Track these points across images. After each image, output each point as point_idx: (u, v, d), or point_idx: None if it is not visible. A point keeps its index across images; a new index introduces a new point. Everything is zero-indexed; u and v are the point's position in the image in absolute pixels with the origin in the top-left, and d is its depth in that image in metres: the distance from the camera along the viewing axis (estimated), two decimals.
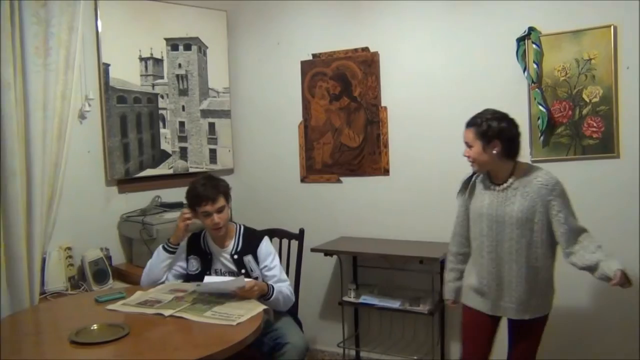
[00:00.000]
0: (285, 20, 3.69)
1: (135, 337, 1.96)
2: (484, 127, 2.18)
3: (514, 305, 2.25)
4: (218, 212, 2.53)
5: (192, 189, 2.58)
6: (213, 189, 2.54)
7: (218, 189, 2.56)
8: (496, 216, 2.22)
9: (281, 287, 2.53)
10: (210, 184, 2.56)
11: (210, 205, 2.51)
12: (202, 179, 2.62)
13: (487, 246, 2.26)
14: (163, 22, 3.46)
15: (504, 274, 2.24)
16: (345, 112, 3.51)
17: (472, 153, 2.24)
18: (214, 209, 2.52)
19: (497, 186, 2.25)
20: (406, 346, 3.38)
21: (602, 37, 2.73)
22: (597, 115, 2.77)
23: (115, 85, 3.17)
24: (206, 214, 2.53)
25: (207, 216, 2.54)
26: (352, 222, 3.55)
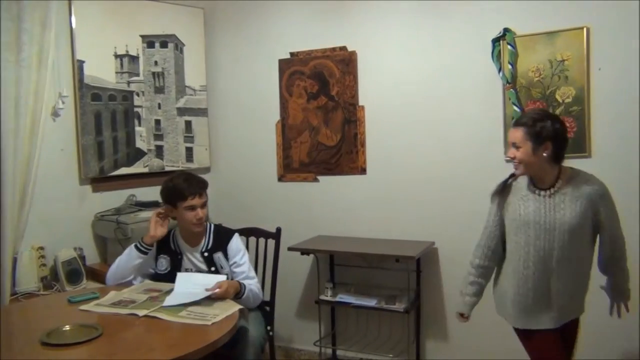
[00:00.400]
0: (263, 18, 3.68)
1: (109, 337, 1.93)
2: (537, 128, 2.02)
3: (557, 314, 2.15)
4: (203, 206, 2.55)
5: (174, 185, 2.55)
6: (197, 183, 2.57)
7: (201, 183, 2.59)
8: (545, 223, 2.08)
9: (251, 285, 2.53)
10: (194, 179, 2.59)
11: (198, 199, 2.53)
12: (182, 174, 2.62)
13: (534, 256, 2.12)
14: (139, 18, 3.42)
15: (551, 284, 2.13)
16: (322, 111, 3.51)
17: (520, 154, 2.06)
18: (200, 203, 2.53)
19: (543, 191, 2.10)
20: (382, 344, 3.41)
21: (575, 39, 2.78)
22: (569, 115, 2.82)
23: (89, 83, 3.13)
24: (191, 207, 2.52)
25: (192, 210, 2.53)
26: (329, 221, 3.55)
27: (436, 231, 3.22)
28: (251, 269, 2.66)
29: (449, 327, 3.26)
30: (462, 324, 3.20)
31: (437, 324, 3.29)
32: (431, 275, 3.27)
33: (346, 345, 3.50)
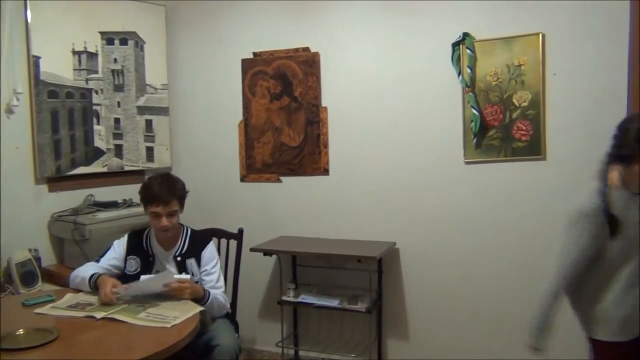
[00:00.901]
0: (226, 17, 3.65)
1: (65, 341, 1.89)
2: None
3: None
4: (169, 215, 2.47)
5: (147, 186, 2.50)
6: (168, 191, 2.46)
7: (174, 192, 2.48)
8: None
9: (216, 294, 2.50)
10: (166, 185, 2.48)
11: (162, 208, 2.44)
12: (159, 177, 2.53)
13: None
14: (98, 15, 3.34)
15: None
16: (285, 112, 3.51)
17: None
18: (164, 212, 2.45)
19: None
20: (344, 344, 3.43)
21: (531, 45, 2.86)
22: (526, 119, 2.90)
23: (46, 79, 3.04)
24: (155, 214, 2.46)
25: (155, 217, 2.47)
26: (292, 222, 3.56)
27: (397, 232, 3.26)
28: (221, 280, 2.61)
29: (410, 326, 3.31)
30: (423, 323, 3.28)
31: (399, 323, 3.33)
32: (393, 275, 3.31)
33: (308, 346, 3.51)
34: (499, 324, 3.07)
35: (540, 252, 2.95)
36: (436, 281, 3.21)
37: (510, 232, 3.01)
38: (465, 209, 3.10)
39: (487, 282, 3.09)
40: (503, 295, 3.05)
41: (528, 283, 2.98)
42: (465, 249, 3.12)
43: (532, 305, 2.94)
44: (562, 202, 2.87)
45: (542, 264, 2.94)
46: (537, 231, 2.95)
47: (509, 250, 3.02)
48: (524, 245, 2.98)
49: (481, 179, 3.05)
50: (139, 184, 3.51)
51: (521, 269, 3.00)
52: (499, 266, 3.05)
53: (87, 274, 2.42)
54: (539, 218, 2.94)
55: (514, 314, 3.03)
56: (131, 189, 3.45)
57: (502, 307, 3.06)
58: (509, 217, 3.01)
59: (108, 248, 2.62)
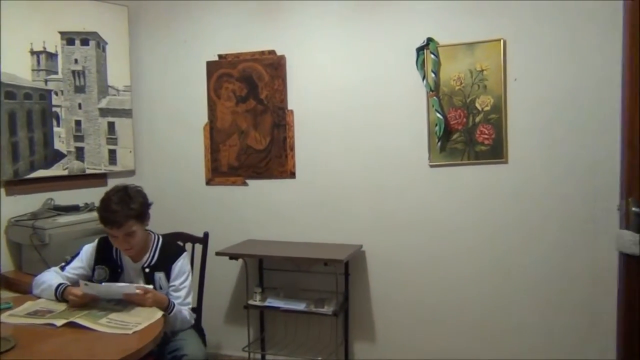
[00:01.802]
0: (190, 18, 3.61)
1: (23, 350, 1.83)
2: None
3: None
4: (127, 236, 2.34)
5: (102, 206, 2.34)
6: (123, 212, 2.29)
7: (128, 212, 2.31)
8: None
9: (182, 309, 2.43)
10: (121, 204, 2.31)
11: (116, 230, 2.32)
12: (116, 194, 2.35)
13: None
14: (58, 14, 3.25)
15: None
16: (251, 115, 3.49)
17: None
18: (120, 234, 2.33)
19: None
20: (311, 347, 3.42)
21: (493, 50, 2.92)
22: (488, 123, 2.96)
23: (3, 80, 2.94)
24: (112, 236, 2.36)
25: (114, 238, 2.37)
26: (258, 225, 3.54)
27: (364, 235, 3.28)
28: (189, 296, 2.51)
29: (376, 328, 3.33)
30: (390, 325, 3.31)
31: (365, 325, 3.35)
32: (359, 278, 3.33)
33: (275, 350, 3.49)
34: (464, 324, 3.12)
35: (502, 253, 3.01)
36: (402, 283, 3.24)
37: (474, 234, 3.06)
38: (430, 211, 3.14)
39: (452, 283, 3.13)
40: (468, 296, 3.10)
41: (492, 283, 3.05)
42: (431, 251, 3.16)
43: (496, 305, 3.04)
44: (522, 204, 2.96)
45: (505, 264, 3.02)
46: (500, 232, 3.01)
47: (473, 251, 3.07)
48: (487, 246, 3.04)
49: (446, 182, 3.09)
50: (102, 187, 3.49)
51: (484, 270, 3.06)
52: (463, 267, 3.10)
53: (53, 282, 2.33)
54: (501, 219, 3.00)
55: (478, 314, 3.09)
56: (93, 193, 3.39)
57: (467, 308, 3.11)
58: (473, 219, 3.07)
59: (75, 255, 2.53)
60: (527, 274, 2.97)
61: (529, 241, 2.96)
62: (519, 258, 2.98)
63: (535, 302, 2.97)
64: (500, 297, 3.04)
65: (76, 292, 2.22)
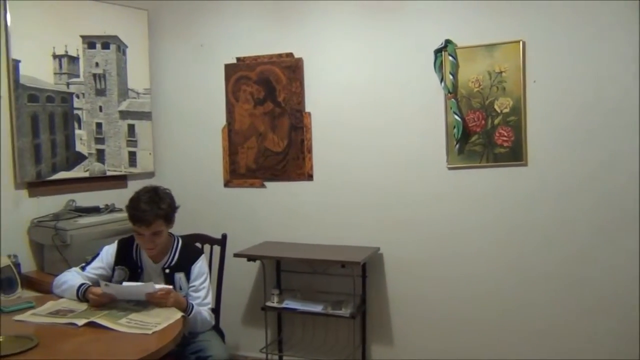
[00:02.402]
0: (209, 22, 3.65)
1: (45, 349, 1.85)
2: None
3: None
4: (153, 235, 2.39)
5: (133, 205, 2.40)
6: (152, 212, 2.35)
7: (157, 212, 2.37)
8: None
9: (201, 309, 2.45)
10: (151, 204, 2.37)
11: (145, 228, 2.37)
12: (146, 194, 2.42)
13: None
14: (79, 18, 3.31)
15: None
16: (269, 117, 3.51)
17: None
18: (147, 232, 2.38)
19: None
20: (329, 350, 3.42)
21: (512, 52, 2.90)
22: (507, 125, 2.94)
23: (25, 83, 3.00)
24: (139, 234, 2.41)
25: (140, 236, 2.42)
26: (276, 227, 3.55)
27: (381, 237, 3.27)
28: (208, 296, 2.55)
29: (394, 331, 3.32)
30: (407, 328, 3.30)
31: (383, 328, 3.34)
32: (376, 280, 3.32)
33: (293, 352, 3.50)
34: (483, 327, 3.09)
35: (522, 256, 2.98)
36: (420, 286, 3.22)
37: (492, 237, 3.04)
38: (448, 213, 3.12)
39: (470, 286, 3.11)
40: (486, 299, 3.08)
41: (510, 287, 3.02)
42: (449, 254, 3.14)
43: (515, 309, 3.01)
44: (542, 207, 2.93)
45: (524, 267, 2.99)
46: (519, 235, 2.98)
47: (492, 254, 3.05)
48: (506, 249, 3.02)
49: (464, 185, 3.07)
50: (122, 188, 3.54)
51: (503, 273, 3.03)
52: (482, 270, 3.08)
53: (75, 282, 2.37)
54: (520, 222, 2.97)
55: (497, 318, 3.06)
56: (113, 194, 3.44)
57: (485, 311, 3.08)
58: (491, 222, 3.04)
59: (95, 255, 2.57)
60: (547, 278, 2.94)
61: (548, 244, 2.92)
62: (538, 261, 2.95)
63: (554, 306, 2.94)
64: (519, 301, 3.01)
65: (96, 291, 2.26)
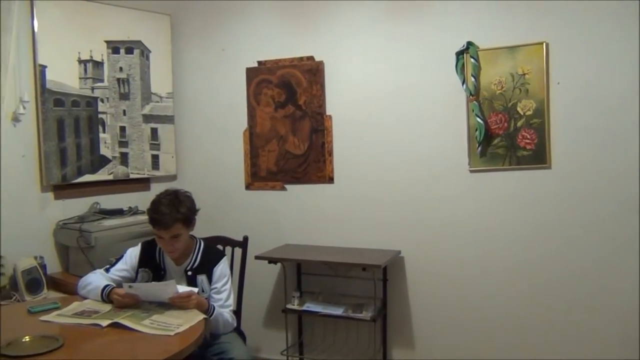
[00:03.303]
0: (230, 26, 3.68)
1: (70, 348, 1.89)
2: None
3: None
4: (173, 238, 2.42)
5: (153, 208, 2.43)
6: (171, 215, 2.38)
7: (176, 216, 2.39)
8: None
9: (222, 311, 2.47)
10: (170, 207, 2.39)
11: (164, 232, 2.40)
12: (166, 197, 2.45)
13: None
14: (104, 24, 3.37)
15: None
16: (290, 120, 3.52)
17: None
18: (167, 236, 2.41)
19: None
20: (349, 353, 3.42)
21: (535, 54, 2.87)
22: (530, 127, 2.90)
23: (52, 88, 3.07)
24: (159, 237, 2.44)
25: (160, 239, 2.45)
26: (297, 230, 3.56)
27: (402, 240, 3.26)
28: (230, 298, 2.56)
29: (415, 335, 3.30)
30: (428, 332, 3.27)
31: (404, 332, 3.32)
32: (397, 283, 3.31)
33: (313, 354, 3.50)
34: (505, 333, 3.05)
35: (545, 260, 2.94)
36: (441, 290, 3.20)
37: (515, 240, 3.00)
38: (470, 217, 3.10)
39: (492, 290, 3.07)
40: (508, 304, 3.04)
41: (533, 291, 2.98)
42: (471, 257, 3.11)
43: (538, 314, 2.97)
44: (566, 210, 2.89)
45: (547, 272, 2.95)
46: (542, 239, 2.94)
47: (514, 258, 3.01)
48: (529, 253, 2.98)
49: (486, 188, 3.05)
50: (145, 191, 3.59)
51: (526, 277, 2.99)
52: (504, 275, 3.05)
53: (100, 283, 2.40)
54: (543, 226, 2.93)
55: (519, 324, 3.02)
56: (137, 197, 3.49)
57: (508, 317, 3.05)
58: (514, 225, 3.01)
59: (119, 257, 2.60)
60: (571, 282, 2.89)
61: (572, 248, 2.88)
62: (561, 265, 2.91)
63: (578, 311, 2.89)
64: (542, 306, 2.96)
65: (120, 292, 2.29)
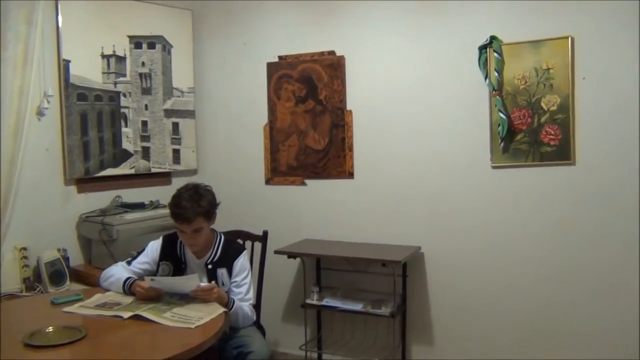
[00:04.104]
0: (251, 21, 3.68)
1: (93, 340, 1.91)
2: None
3: None
4: (194, 232, 2.43)
5: (175, 203, 2.44)
6: (192, 209, 2.38)
7: (197, 210, 2.40)
8: None
9: (242, 305, 2.48)
10: (192, 202, 2.40)
11: (186, 226, 2.41)
12: (187, 191, 2.45)
13: None
14: (126, 19, 3.40)
15: None
16: (310, 115, 3.52)
17: None
18: (189, 230, 2.42)
19: None
20: (368, 348, 3.41)
21: (560, 48, 2.81)
22: (554, 123, 2.86)
23: (75, 82, 3.10)
24: (180, 230, 2.46)
25: (182, 233, 2.46)
26: (316, 225, 3.56)
27: (422, 236, 3.24)
28: (249, 292, 2.57)
29: (434, 331, 3.28)
30: (448, 329, 3.25)
31: (423, 328, 3.30)
32: (417, 279, 3.29)
33: (332, 350, 3.50)
34: (526, 330, 3.02)
35: (567, 258, 2.90)
36: (461, 286, 3.17)
37: (537, 238, 2.96)
38: (491, 213, 3.06)
39: (513, 288, 3.04)
40: (530, 301, 3.00)
41: (555, 290, 2.94)
42: (491, 254, 3.08)
43: (561, 311, 2.93)
44: (591, 207, 2.84)
45: (569, 270, 2.90)
46: (565, 237, 2.90)
47: (536, 256, 2.97)
48: (552, 251, 2.93)
49: (508, 184, 3.01)
50: (166, 185, 3.62)
51: (548, 276, 2.95)
52: (525, 272, 3.01)
53: (122, 276, 2.43)
54: (567, 223, 2.89)
55: (541, 322, 2.98)
56: (158, 191, 3.52)
57: (529, 313, 3.01)
58: (536, 223, 2.96)
59: (141, 251, 2.62)
60: (595, 280, 2.84)
61: (596, 246, 2.83)
62: (584, 263, 2.86)
63: (602, 308, 2.84)
64: (565, 303, 2.92)
65: (143, 285, 2.31)
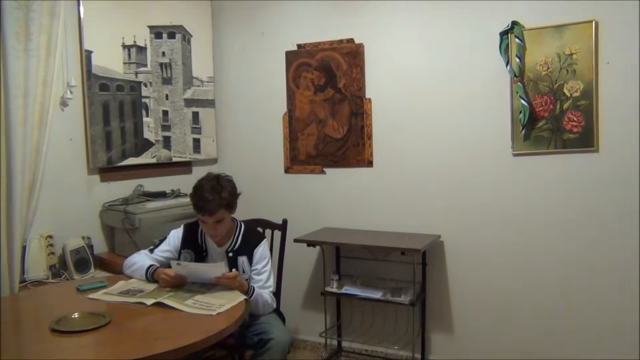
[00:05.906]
0: (270, 10, 3.68)
1: (116, 326, 1.95)
2: None
3: None
4: (216, 222, 2.45)
5: (197, 194, 2.45)
6: (214, 202, 2.40)
7: (219, 201, 2.41)
8: None
9: (262, 292, 2.51)
10: (213, 193, 2.41)
11: (208, 217, 2.43)
12: (208, 182, 2.47)
13: None
14: (147, 9, 3.42)
15: None
16: (329, 104, 3.51)
17: None
18: (211, 220, 2.44)
19: None
20: (387, 336, 3.42)
21: (584, 33, 2.76)
22: (577, 109, 2.81)
23: (97, 73, 3.14)
24: (203, 221, 2.49)
25: (204, 223, 2.49)
26: (336, 213, 3.56)
27: (442, 224, 3.23)
28: (270, 279, 2.59)
29: (454, 320, 3.27)
30: (468, 317, 3.24)
31: (443, 316, 3.30)
32: (437, 268, 3.28)
33: (351, 337, 3.52)
34: (545, 321, 3.00)
35: (589, 247, 2.86)
36: (481, 275, 3.16)
37: (559, 226, 2.93)
38: (512, 201, 3.03)
39: (534, 276, 3.01)
40: (550, 291, 2.98)
41: (576, 279, 2.91)
42: (511, 243, 3.05)
43: (582, 301, 2.90)
44: (615, 195, 2.79)
45: (592, 258, 2.87)
46: (588, 225, 2.86)
47: (557, 244, 2.94)
48: (573, 238, 2.90)
49: (530, 172, 2.97)
50: (187, 174, 3.66)
51: (569, 265, 2.92)
52: (547, 261, 2.98)
53: (145, 263, 2.48)
54: (590, 211, 2.85)
55: (561, 311, 2.96)
56: (179, 180, 3.56)
57: (549, 304, 2.98)
58: (558, 210, 2.93)
59: (163, 239, 2.66)
60: (619, 270, 2.80)
61: (620, 235, 2.78)
62: (608, 252, 2.82)
63: (626, 300, 2.80)
64: (586, 294, 2.89)
65: (169, 273, 2.35)
